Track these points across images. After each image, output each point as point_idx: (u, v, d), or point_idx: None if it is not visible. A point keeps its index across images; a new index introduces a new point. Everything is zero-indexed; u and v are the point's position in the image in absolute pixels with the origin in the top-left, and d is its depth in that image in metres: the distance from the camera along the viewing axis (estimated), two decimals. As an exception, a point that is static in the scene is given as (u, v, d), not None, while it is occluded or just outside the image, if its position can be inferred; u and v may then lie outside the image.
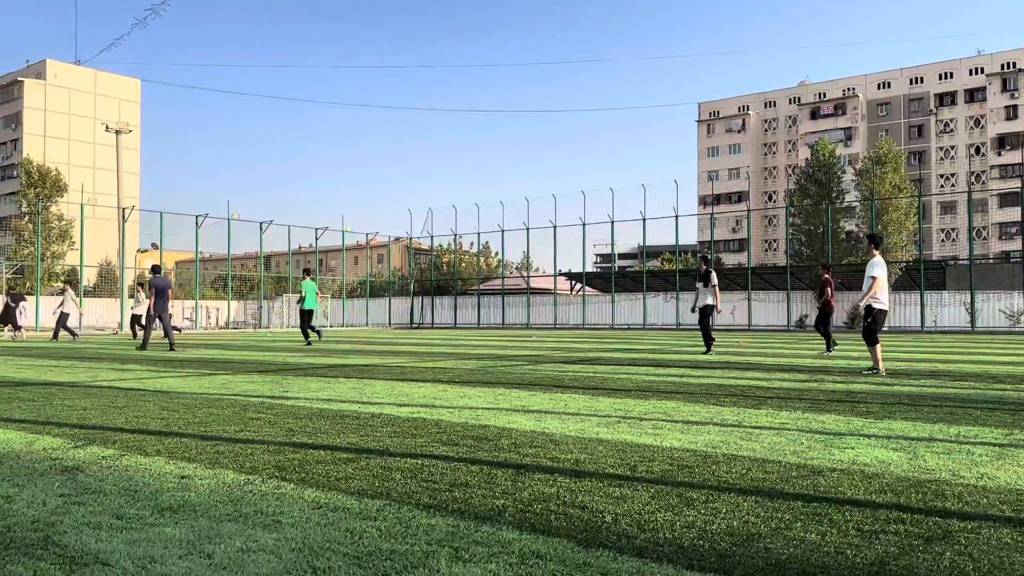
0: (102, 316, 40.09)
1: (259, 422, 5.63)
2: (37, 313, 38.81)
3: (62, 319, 24.48)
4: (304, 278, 22.24)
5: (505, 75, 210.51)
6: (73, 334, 24.70)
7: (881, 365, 10.22)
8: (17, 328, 26.16)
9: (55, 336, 24.42)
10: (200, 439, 4.87)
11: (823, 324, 15.98)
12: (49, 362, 12.86)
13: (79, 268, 39.95)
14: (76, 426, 5.45)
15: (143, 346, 17.86)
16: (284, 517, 3.03)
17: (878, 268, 10.39)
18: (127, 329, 31.15)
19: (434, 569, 2.43)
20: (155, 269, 19.82)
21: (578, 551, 2.63)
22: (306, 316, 21.20)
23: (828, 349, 15.40)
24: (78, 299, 24.94)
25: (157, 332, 22.73)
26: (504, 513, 3.10)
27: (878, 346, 10.25)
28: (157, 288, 18.28)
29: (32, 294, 38.15)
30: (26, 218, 53.58)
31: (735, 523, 2.97)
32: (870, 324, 10.40)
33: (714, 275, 15.47)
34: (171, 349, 17.34)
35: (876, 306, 10.40)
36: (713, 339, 15.47)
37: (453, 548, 2.64)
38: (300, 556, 2.56)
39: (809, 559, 2.56)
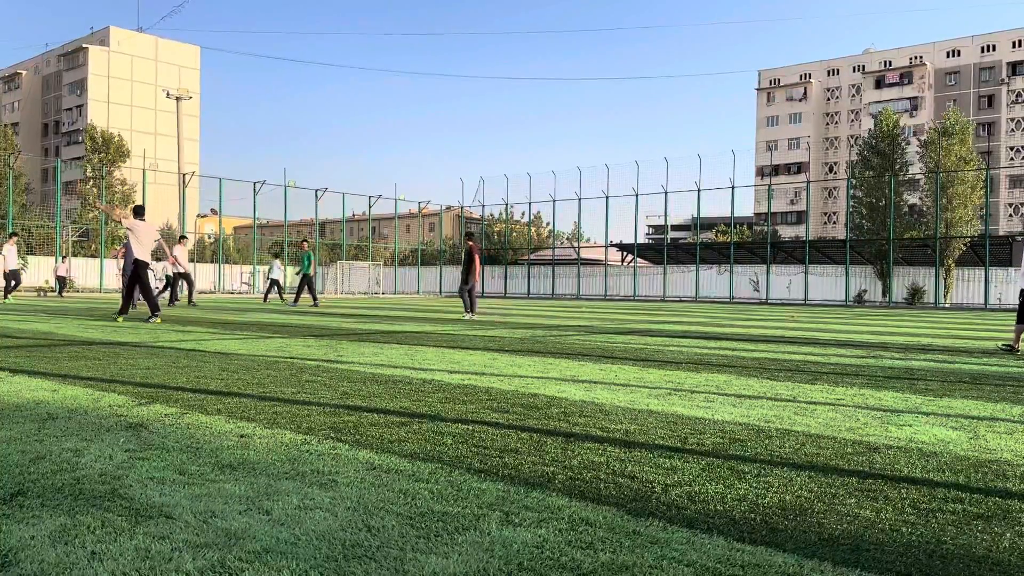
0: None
1: (315, 384, 5.74)
2: (101, 275, 39.99)
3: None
4: (303, 248, 25.31)
5: (559, 42, 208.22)
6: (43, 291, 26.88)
7: (1018, 344, 10.20)
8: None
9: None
10: (258, 399, 4.99)
11: (465, 289, 17.57)
12: (113, 323, 13.28)
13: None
14: (140, 384, 5.63)
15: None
16: (339, 477, 3.10)
17: None
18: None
19: (485, 532, 2.47)
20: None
21: (628, 519, 2.63)
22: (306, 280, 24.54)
23: (469, 311, 17.22)
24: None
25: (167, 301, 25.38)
26: (554, 480, 3.12)
27: (1020, 325, 10.32)
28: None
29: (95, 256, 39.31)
30: (90, 182, 55.12)
31: (787, 497, 2.94)
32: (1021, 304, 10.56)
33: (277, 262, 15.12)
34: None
35: (1020, 286, 10.75)
36: (273, 298, 14.99)
37: (503, 512, 2.67)
38: (355, 515, 2.62)
39: (863, 535, 2.53)
